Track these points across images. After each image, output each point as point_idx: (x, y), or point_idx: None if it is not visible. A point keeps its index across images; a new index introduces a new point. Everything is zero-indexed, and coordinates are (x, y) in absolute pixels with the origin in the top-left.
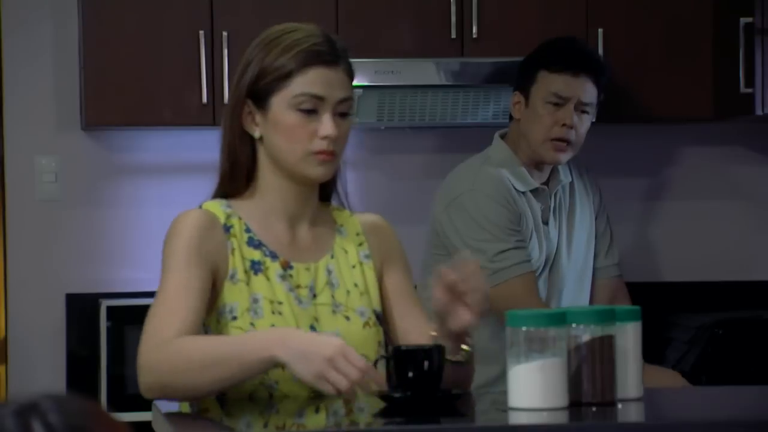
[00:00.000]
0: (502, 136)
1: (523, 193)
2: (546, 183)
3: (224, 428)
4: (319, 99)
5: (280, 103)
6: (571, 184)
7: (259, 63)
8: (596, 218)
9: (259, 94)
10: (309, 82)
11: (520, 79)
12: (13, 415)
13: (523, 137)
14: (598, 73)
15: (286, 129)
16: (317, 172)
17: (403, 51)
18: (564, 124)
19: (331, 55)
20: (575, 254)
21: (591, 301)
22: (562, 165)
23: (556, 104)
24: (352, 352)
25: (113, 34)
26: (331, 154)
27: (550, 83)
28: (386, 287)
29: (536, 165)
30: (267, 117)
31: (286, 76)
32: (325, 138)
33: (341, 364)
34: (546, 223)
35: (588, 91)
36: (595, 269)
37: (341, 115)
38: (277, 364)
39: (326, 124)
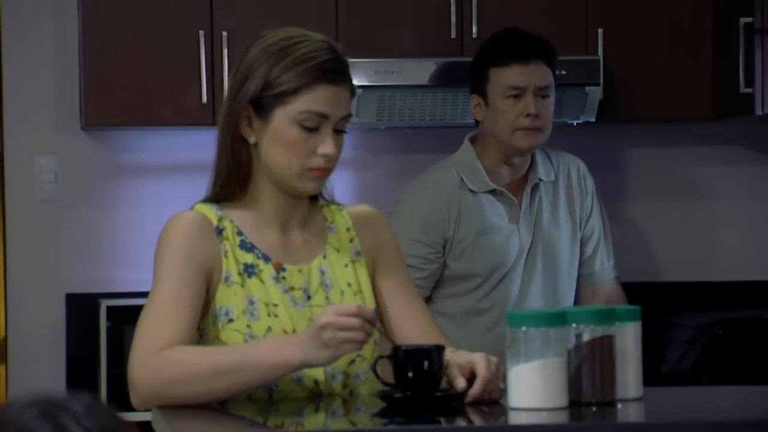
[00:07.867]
0: (472, 138)
1: (478, 193)
2: (523, 181)
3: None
4: (323, 117)
5: (283, 116)
6: (555, 182)
7: (264, 74)
8: (588, 220)
9: (261, 103)
10: (315, 99)
11: (474, 82)
12: (43, 417)
13: (491, 136)
14: (547, 55)
15: (287, 143)
16: (310, 186)
17: (403, 51)
18: (528, 114)
19: (338, 72)
20: (557, 252)
21: (582, 302)
22: (543, 163)
23: (514, 96)
24: (340, 307)
25: (113, 34)
26: (327, 171)
27: (502, 78)
28: (380, 283)
29: (508, 160)
30: (267, 127)
31: (293, 92)
32: (324, 156)
33: (339, 321)
34: (517, 221)
35: (543, 75)
36: (591, 272)
37: (338, 131)
38: (293, 368)
39: (327, 144)
